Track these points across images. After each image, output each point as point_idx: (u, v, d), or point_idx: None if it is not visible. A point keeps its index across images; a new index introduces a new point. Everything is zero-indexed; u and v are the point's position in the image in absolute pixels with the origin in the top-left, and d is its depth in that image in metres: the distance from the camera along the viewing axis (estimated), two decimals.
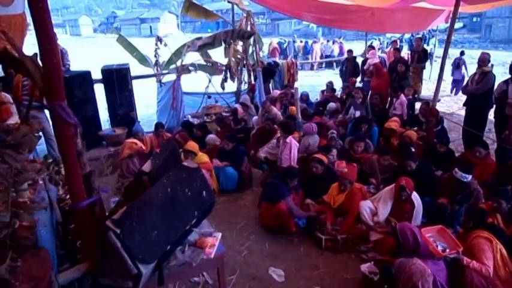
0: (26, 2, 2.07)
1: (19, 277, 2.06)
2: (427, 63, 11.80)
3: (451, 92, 11.98)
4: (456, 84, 11.68)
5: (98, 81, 7.22)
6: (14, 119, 4.69)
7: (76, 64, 7.98)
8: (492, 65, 7.18)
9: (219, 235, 3.02)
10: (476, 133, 5.81)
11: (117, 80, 7.14)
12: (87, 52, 26.12)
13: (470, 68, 9.89)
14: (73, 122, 2.25)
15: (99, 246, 2.41)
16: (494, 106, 6.04)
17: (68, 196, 3.81)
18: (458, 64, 11.84)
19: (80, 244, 2.90)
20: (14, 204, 2.41)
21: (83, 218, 2.57)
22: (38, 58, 2.19)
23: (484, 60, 6.15)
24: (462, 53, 12.41)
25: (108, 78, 7.16)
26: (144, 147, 5.92)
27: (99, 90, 7.26)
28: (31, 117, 3.27)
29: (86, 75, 6.72)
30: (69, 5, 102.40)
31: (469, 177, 4.33)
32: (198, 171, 2.91)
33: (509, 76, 5.71)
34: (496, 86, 6.02)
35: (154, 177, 2.81)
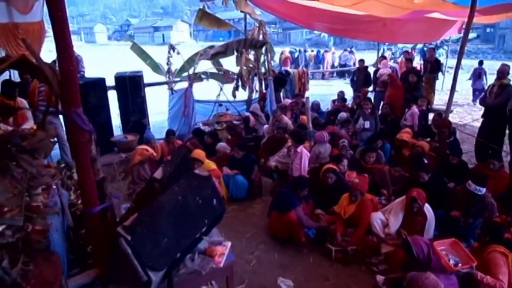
0: (46, 10, 2.12)
1: (31, 281, 2.08)
2: (440, 74, 11.71)
3: (473, 102, 11.91)
4: (478, 93, 11.61)
5: (111, 88, 7.32)
6: (29, 124, 4.78)
7: (90, 71, 8.12)
8: None
9: (229, 244, 3.01)
10: (493, 146, 5.70)
11: (130, 87, 7.23)
12: (101, 59, 26.56)
13: (490, 78, 9.78)
14: (88, 128, 2.29)
15: (110, 252, 2.43)
16: (509, 119, 5.94)
17: (79, 201, 3.85)
18: (479, 74, 11.83)
19: (91, 249, 2.92)
20: (28, 208, 2.45)
21: (95, 224, 2.59)
22: (56, 65, 2.25)
23: (504, 72, 6.03)
24: (481, 63, 12.36)
25: (122, 85, 7.25)
26: (155, 154, 5.97)
27: (112, 97, 7.36)
28: (47, 122, 3.33)
29: (100, 82, 6.83)
30: (85, 13, 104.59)
31: (483, 190, 4.25)
32: (209, 179, 2.92)
33: None
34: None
35: (166, 184, 2.83)
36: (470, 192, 4.27)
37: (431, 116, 7.45)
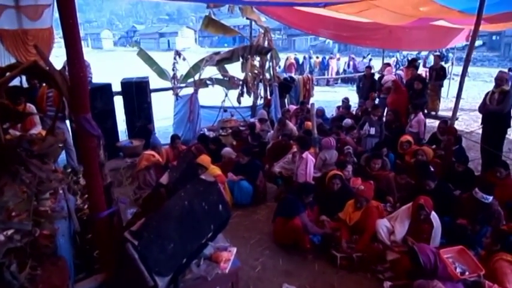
0: (55, 17, 2.16)
1: (38, 286, 2.10)
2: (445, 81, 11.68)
3: None
4: None
5: (117, 93, 7.38)
6: (37, 129, 4.83)
7: (97, 76, 8.19)
8: None
9: (234, 250, 3.02)
10: (496, 152, 5.69)
11: (137, 93, 7.28)
12: (107, 65, 26.80)
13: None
14: (97, 133, 2.31)
15: (116, 257, 2.44)
16: None
17: (85, 206, 3.88)
18: (506, 80, 11.89)
19: (97, 254, 2.93)
20: (36, 212, 2.47)
21: (102, 229, 2.61)
22: (66, 71, 2.28)
23: (502, 79, 6.05)
24: (511, 70, 12.49)
25: (128, 90, 7.31)
26: (161, 160, 5.99)
27: (118, 102, 7.41)
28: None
29: (107, 87, 6.89)
30: (92, 20, 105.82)
31: (490, 198, 4.23)
32: (215, 184, 2.93)
33: None
34: None
35: (172, 189, 2.85)
36: (477, 200, 4.24)
37: (436, 123, 7.43)
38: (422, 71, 12.98)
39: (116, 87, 7.38)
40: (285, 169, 6.14)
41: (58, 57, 5.55)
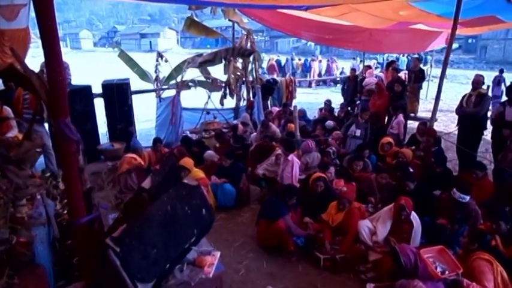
0: (31, 16, 2.10)
1: None
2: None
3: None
4: (496, 99, 11.95)
5: (97, 95, 7.25)
6: (14, 133, 4.69)
7: (76, 77, 8.03)
8: (488, 86, 7.31)
9: (218, 254, 3.00)
10: (471, 153, 5.85)
11: (117, 95, 7.16)
12: (87, 65, 26.31)
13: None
14: (76, 138, 2.26)
15: (98, 263, 2.39)
16: (492, 127, 6.09)
17: (65, 211, 3.79)
18: (498, 81, 12.50)
19: (77, 261, 2.87)
20: (12, 219, 2.40)
21: (82, 235, 2.55)
22: (44, 74, 2.22)
23: (478, 82, 6.23)
24: (502, 71, 13.14)
25: (109, 92, 7.18)
26: (143, 163, 5.91)
27: (98, 104, 7.28)
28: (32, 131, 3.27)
29: (86, 89, 6.76)
30: (71, 19, 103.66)
31: (467, 198, 4.33)
32: (198, 188, 2.91)
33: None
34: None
35: (154, 194, 2.81)
36: (455, 200, 4.35)
37: (416, 124, 7.59)
38: (401, 73, 13.24)
39: (97, 89, 7.25)
40: (268, 171, 6.15)
41: (35, 58, 5.41)
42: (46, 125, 5.88)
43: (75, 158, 2.35)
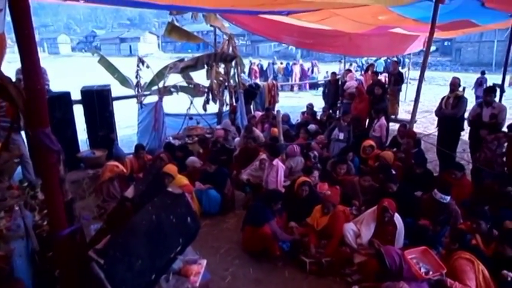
0: (11, 26, 2.04)
1: None
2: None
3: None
4: (479, 100, 12.29)
5: (77, 102, 7.09)
6: None
7: (54, 83, 7.83)
8: (464, 88, 7.52)
9: (204, 262, 2.97)
10: (451, 153, 6.00)
11: (98, 101, 7.02)
12: (65, 71, 25.78)
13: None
14: (57, 148, 2.20)
15: (80, 276, 2.33)
16: (469, 128, 6.26)
17: (44, 222, 3.68)
18: (481, 82, 13.06)
19: (59, 274, 2.78)
20: None
21: (63, 247, 2.47)
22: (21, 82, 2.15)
23: (455, 85, 6.41)
24: (483, 73, 13.70)
25: (88, 99, 7.03)
26: (125, 171, 5.81)
27: (78, 111, 7.12)
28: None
29: (65, 96, 6.60)
30: (48, 24, 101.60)
31: (448, 198, 4.43)
32: (182, 196, 2.87)
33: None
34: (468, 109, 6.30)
35: (138, 203, 2.76)
36: (436, 200, 4.44)
37: (397, 126, 7.73)
38: (381, 76, 13.50)
39: (76, 95, 7.10)
40: (253, 176, 6.14)
41: (11, 63, 5.25)
42: (22, 132, 5.71)
43: (55, 168, 2.28)
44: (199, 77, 9.34)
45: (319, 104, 11.42)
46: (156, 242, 2.47)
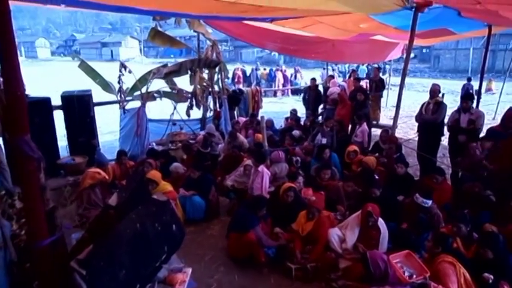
0: None
1: None
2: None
3: None
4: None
5: (57, 107, 6.93)
6: None
7: (32, 87, 7.64)
8: (443, 94, 7.72)
9: (189, 270, 2.93)
10: (431, 158, 6.13)
11: (79, 107, 6.90)
12: (43, 75, 25.21)
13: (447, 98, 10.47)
14: (37, 156, 2.14)
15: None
16: (448, 134, 6.41)
17: (23, 232, 3.56)
18: (467, 89, 13.43)
19: (37, 286, 2.69)
20: None
21: (43, 258, 2.40)
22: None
23: (435, 91, 6.56)
24: (469, 79, 14.19)
25: (69, 104, 6.90)
26: (107, 177, 5.69)
27: (58, 116, 6.96)
28: None
29: (45, 101, 6.45)
30: (26, 27, 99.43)
31: (430, 202, 4.51)
32: (167, 204, 2.84)
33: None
34: (447, 115, 6.45)
35: (122, 211, 2.71)
36: (417, 204, 4.51)
37: (379, 131, 7.85)
38: (362, 82, 13.72)
39: (56, 100, 6.94)
40: (237, 182, 6.12)
41: None
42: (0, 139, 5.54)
43: (35, 176, 2.22)
44: (183, 82, 9.29)
45: (302, 110, 11.50)
46: (141, 250, 2.42)
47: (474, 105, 6.69)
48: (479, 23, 6.85)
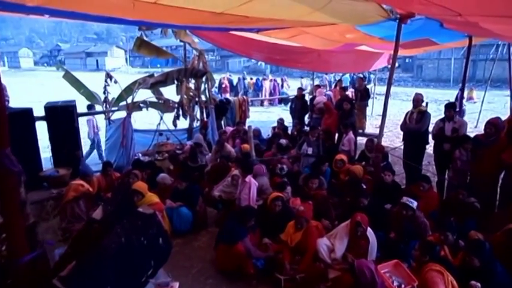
0: None
1: None
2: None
3: None
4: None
5: (40, 118, 6.79)
6: None
7: (14, 98, 7.50)
8: (427, 103, 7.85)
9: (177, 285, 2.87)
10: (417, 166, 6.21)
11: (62, 118, 6.75)
12: (26, 85, 24.78)
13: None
14: (17, 170, 2.07)
15: None
16: (433, 142, 6.50)
17: (3, 248, 3.44)
18: (456, 97, 13.42)
19: None
20: None
21: (24, 275, 2.32)
22: None
23: (418, 100, 6.67)
24: (461, 90, 14.24)
25: (52, 115, 6.74)
26: (91, 190, 5.57)
27: (42, 128, 6.82)
28: None
29: (27, 112, 6.30)
30: (9, 37, 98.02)
31: (415, 203, 4.53)
32: (154, 217, 2.77)
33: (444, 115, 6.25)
34: (431, 123, 6.56)
35: (106, 225, 2.63)
36: (404, 209, 4.52)
37: (364, 140, 7.91)
38: (348, 91, 13.89)
39: (39, 111, 6.80)
40: (225, 192, 6.05)
41: None
42: None
43: (16, 191, 2.15)
44: (170, 92, 9.24)
45: (289, 119, 11.55)
46: (126, 265, 2.36)
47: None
48: (461, 34, 7.03)
